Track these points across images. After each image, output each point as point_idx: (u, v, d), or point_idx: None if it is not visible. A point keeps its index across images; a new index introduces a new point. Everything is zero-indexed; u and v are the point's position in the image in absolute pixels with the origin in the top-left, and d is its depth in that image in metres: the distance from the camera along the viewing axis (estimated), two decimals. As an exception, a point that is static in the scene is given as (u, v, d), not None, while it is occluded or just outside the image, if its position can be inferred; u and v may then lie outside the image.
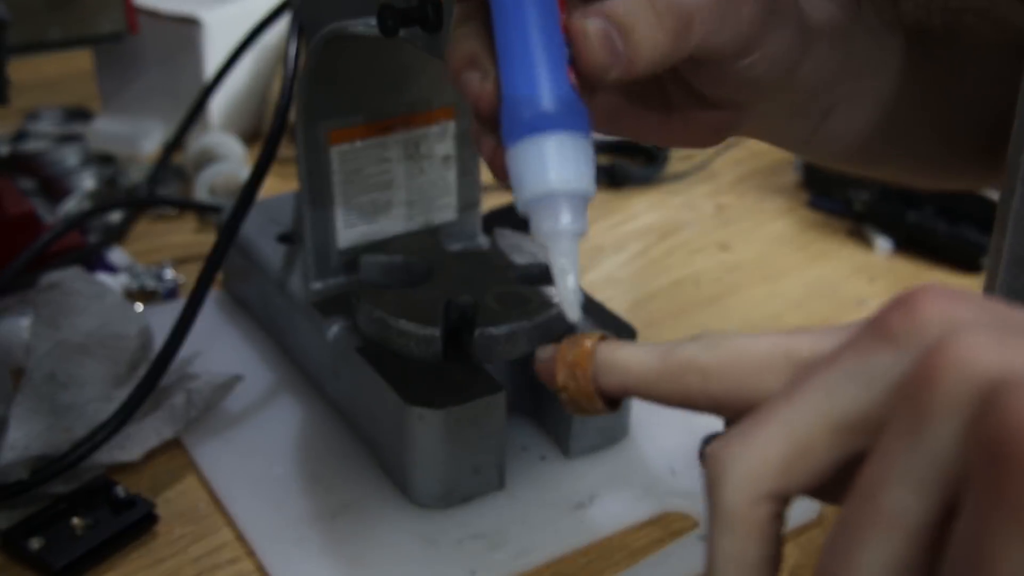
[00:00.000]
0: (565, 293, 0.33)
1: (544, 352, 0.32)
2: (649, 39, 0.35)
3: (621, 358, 0.30)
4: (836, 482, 0.26)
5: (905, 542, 0.23)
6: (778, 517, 0.26)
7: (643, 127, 0.44)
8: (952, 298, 0.24)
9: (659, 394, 0.30)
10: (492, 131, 0.36)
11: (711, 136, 0.44)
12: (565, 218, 0.33)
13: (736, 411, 0.28)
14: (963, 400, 0.22)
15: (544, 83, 0.33)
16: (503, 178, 0.36)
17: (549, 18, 0.34)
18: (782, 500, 0.26)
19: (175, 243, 0.81)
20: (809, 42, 0.42)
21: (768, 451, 0.26)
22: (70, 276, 0.62)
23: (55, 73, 1.04)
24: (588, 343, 0.31)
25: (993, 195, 0.83)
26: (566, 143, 0.33)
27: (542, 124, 0.33)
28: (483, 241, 0.68)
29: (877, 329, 0.25)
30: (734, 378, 0.28)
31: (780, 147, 0.51)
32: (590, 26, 0.34)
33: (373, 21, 0.47)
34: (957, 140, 0.51)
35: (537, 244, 0.34)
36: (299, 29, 0.61)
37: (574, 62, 0.35)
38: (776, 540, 0.27)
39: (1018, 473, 0.21)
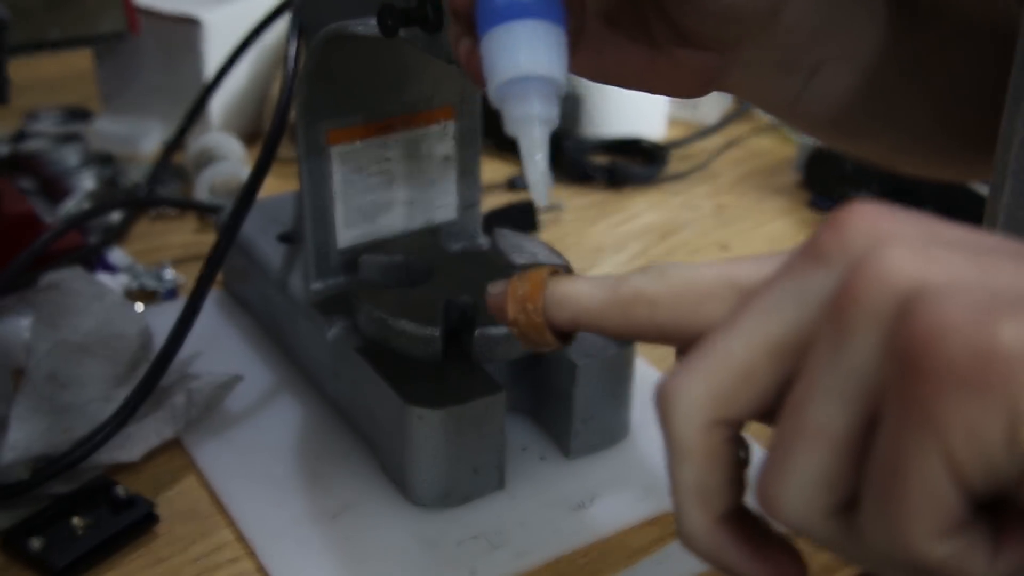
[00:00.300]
0: (534, 177, 0.33)
1: (495, 287, 0.32)
2: None
3: (570, 291, 0.30)
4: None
5: (830, 454, 0.24)
6: (731, 441, 0.27)
7: (629, 68, 0.44)
8: (880, 214, 0.25)
9: (608, 326, 0.30)
10: (468, 32, 0.36)
11: (697, 83, 0.45)
12: (535, 103, 0.33)
13: (684, 340, 0.28)
14: (881, 313, 0.23)
15: None
16: (479, 79, 0.35)
17: None
18: (732, 425, 0.27)
19: (175, 243, 0.81)
20: None
21: (711, 379, 0.26)
22: (70, 276, 0.62)
23: (55, 73, 1.04)
24: (539, 277, 0.31)
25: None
26: (538, 30, 0.33)
27: (514, 11, 0.33)
28: (483, 241, 0.68)
29: (809, 250, 0.25)
30: (681, 308, 0.28)
31: (768, 110, 0.51)
32: None
33: (373, 21, 0.47)
34: (945, 119, 0.52)
35: (509, 131, 0.33)
36: (299, 29, 0.61)
37: None
38: (733, 465, 0.27)
39: (926, 381, 0.21)
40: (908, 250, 0.23)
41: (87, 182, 0.85)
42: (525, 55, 0.33)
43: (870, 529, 0.23)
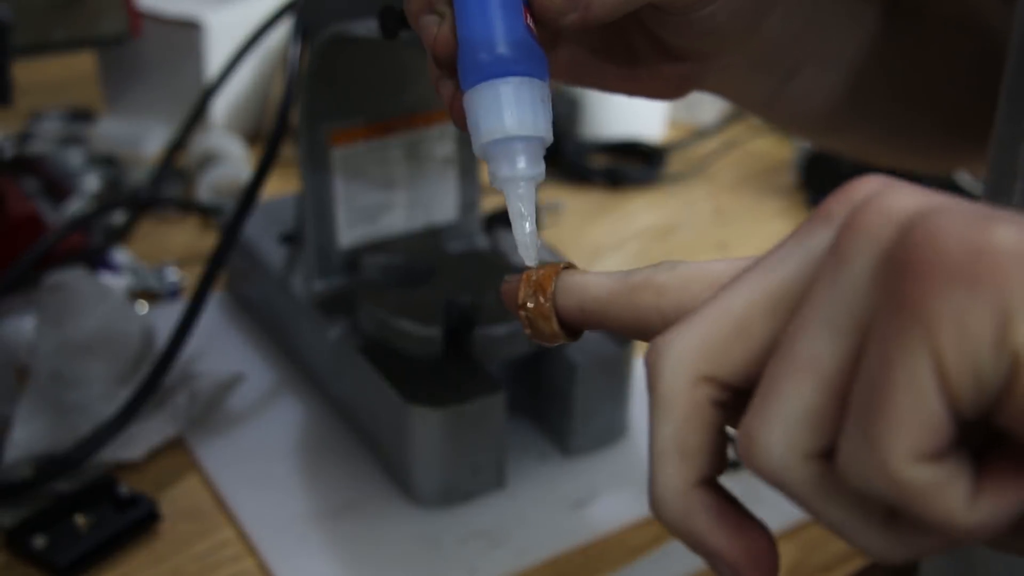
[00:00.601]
0: (522, 237, 0.33)
1: (512, 277, 0.32)
2: None
3: (581, 279, 0.30)
4: None
5: (818, 389, 0.24)
6: (719, 405, 0.26)
7: (607, 78, 0.44)
8: (887, 181, 0.25)
9: (614, 314, 0.30)
10: (451, 76, 0.36)
11: (675, 88, 0.45)
12: (521, 163, 0.33)
13: None
14: (880, 237, 0.23)
15: (499, 27, 0.34)
16: (462, 124, 0.36)
17: None
18: (721, 386, 0.26)
19: (178, 244, 0.81)
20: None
21: (704, 332, 0.26)
22: (74, 276, 0.62)
23: (58, 75, 1.05)
24: (553, 267, 0.31)
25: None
26: (522, 88, 0.33)
27: (498, 69, 0.33)
28: (483, 241, 0.69)
29: (815, 215, 0.25)
30: (688, 295, 0.28)
31: (745, 107, 0.51)
32: None
33: (374, 23, 0.47)
34: (922, 115, 0.52)
35: (495, 187, 0.34)
36: (301, 31, 0.61)
37: (531, 6, 0.35)
38: (718, 431, 0.26)
39: (917, 278, 0.22)
40: (910, 191, 0.24)
41: (90, 183, 0.85)
42: (510, 115, 0.33)
43: (848, 458, 0.23)
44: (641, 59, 0.44)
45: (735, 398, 0.26)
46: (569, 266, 0.32)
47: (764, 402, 0.24)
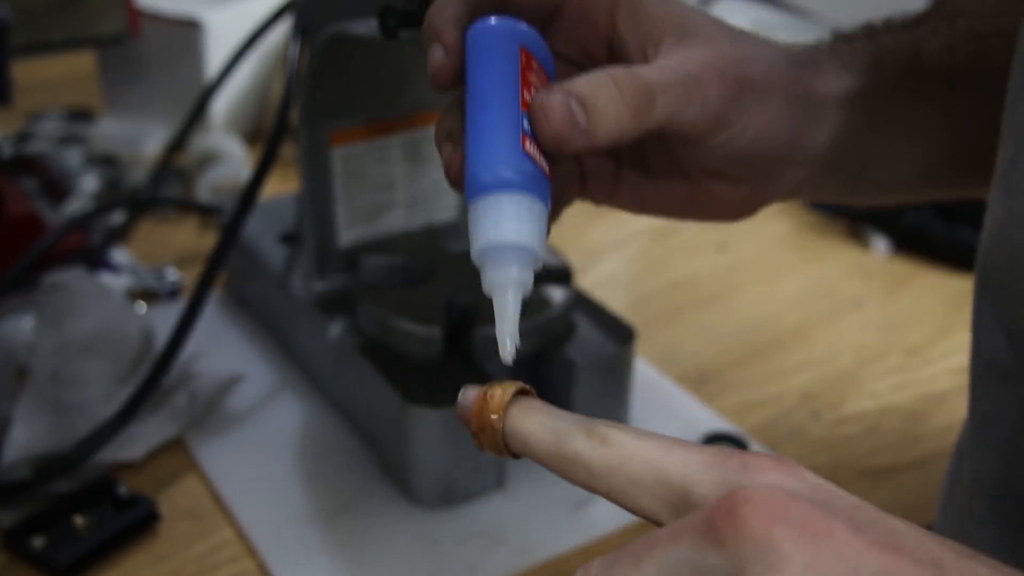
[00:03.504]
0: (502, 339, 0.35)
1: (466, 397, 0.34)
2: (611, 113, 0.37)
3: (523, 431, 0.33)
4: None
5: None
6: None
7: (670, 204, 0.46)
8: (772, 514, 0.26)
9: (556, 472, 0.32)
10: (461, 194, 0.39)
11: (741, 210, 0.45)
12: (512, 270, 0.35)
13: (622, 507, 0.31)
14: None
15: (499, 152, 0.36)
16: (457, 186, 0.38)
17: (508, 97, 0.37)
18: None
19: (177, 244, 0.81)
20: (817, 113, 0.43)
21: None
22: (73, 276, 0.62)
23: (58, 74, 1.05)
24: (502, 401, 0.33)
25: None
26: (520, 202, 0.35)
27: (496, 185, 0.35)
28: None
29: (709, 530, 0.27)
30: (612, 485, 0.31)
31: (822, 201, 0.51)
32: (551, 100, 0.36)
33: (374, 23, 0.47)
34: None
35: (485, 291, 0.36)
36: (301, 31, 0.61)
37: (536, 135, 0.37)
38: None
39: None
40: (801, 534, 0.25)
41: (89, 183, 0.85)
42: (506, 225, 0.35)
43: None
44: (696, 181, 0.44)
45: None
46: (522, 391, 0.34)
47: None
